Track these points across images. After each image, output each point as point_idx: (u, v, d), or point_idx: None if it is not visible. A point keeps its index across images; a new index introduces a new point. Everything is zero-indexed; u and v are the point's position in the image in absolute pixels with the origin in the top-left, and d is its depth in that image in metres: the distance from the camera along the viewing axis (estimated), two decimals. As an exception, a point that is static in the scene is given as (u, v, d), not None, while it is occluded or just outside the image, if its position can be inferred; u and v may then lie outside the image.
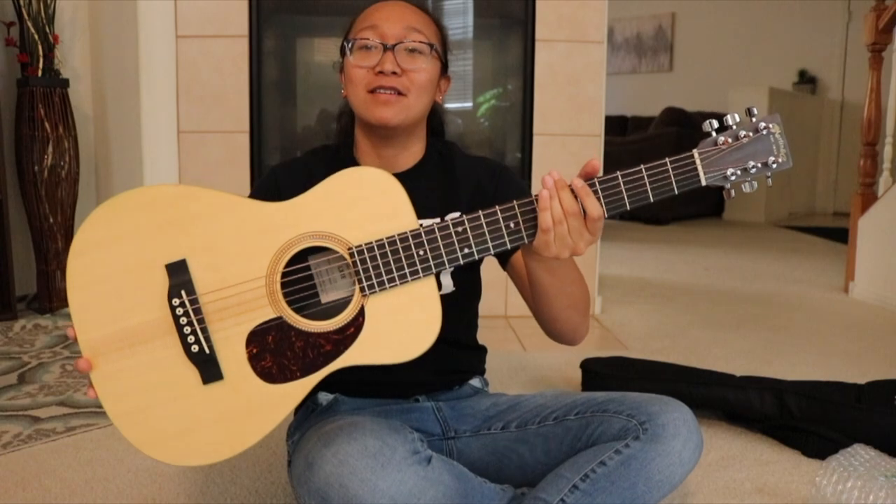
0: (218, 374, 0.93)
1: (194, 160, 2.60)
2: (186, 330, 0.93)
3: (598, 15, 2.63)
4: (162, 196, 0.94)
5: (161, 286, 0.93)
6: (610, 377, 1.81)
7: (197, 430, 0.93)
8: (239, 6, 2.55)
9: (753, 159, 0.98)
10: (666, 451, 1.01)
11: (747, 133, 0.98)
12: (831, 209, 7.21)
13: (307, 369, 0.94)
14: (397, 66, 1.11)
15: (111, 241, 0.93)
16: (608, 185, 0.96)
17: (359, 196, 0.94)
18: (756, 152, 0.98)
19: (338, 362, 0.93)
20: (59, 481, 1.41)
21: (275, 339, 0.94)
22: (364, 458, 0.91)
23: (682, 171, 0.97)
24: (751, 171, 0.98)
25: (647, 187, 0.96)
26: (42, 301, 2.70)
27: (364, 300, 0.94)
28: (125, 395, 0.93)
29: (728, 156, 0.97)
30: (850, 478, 1.28)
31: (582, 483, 1.02)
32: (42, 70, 2.61)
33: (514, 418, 1.18)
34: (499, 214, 0.95)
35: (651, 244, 4.91)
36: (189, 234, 0.93)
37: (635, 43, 8.14)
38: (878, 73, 3.27)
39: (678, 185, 0.97)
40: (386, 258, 0.93)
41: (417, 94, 1.13)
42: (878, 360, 2.27)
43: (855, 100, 6.82)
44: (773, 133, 0.99)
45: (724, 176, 0.98)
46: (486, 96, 2.82)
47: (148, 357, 0.93)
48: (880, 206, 3.18)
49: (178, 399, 0.93)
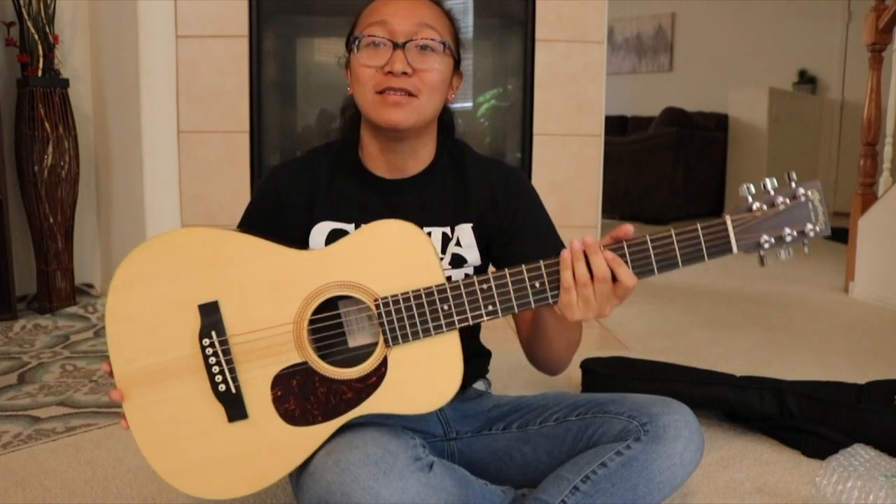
0: (243, 413, 0.97)
1: (194, 160, 2.60)
2: (215, 369, 0.96)
3: (598, 15, 2.63)
4: (199, 238, 0.98)
5: (193, 325, 0.96)
6: (610, 377, 1.81)
7: (219, 465, 0.97)
8: (239, 6, 2.54)
9: (790, 227, 0.94)
10: (667, 453, 1.01)
11: (784, 200, 0.94)
12: (831, 209, 7.19)
13: (329, 415, 0.96)
14: (408, 65, 1.05)
15: (148, 279, 0.97)
16: (637, 250, 0.95)
17: (388, 249, 0.95)
18: (793, 220, 0.94)
19: (358, 409, 0.96)
20: (59, 481, 1.41)
21: (299, 384, 0.97)
22: (366, 466, 0.91)
23: (713, 238, 0.94)
24: (786, 238, 0.95)
25: (677, 253, 0.94)
26: (42, 301, 2.70)
27: (388, 351, 0.96)
28: (154, 426, 0.97)
29: (763, 223, 0.94)
30: (850, 478, 1.28)
31: (583, 484, 1.02)
32: (42, 70, 2.61)
33: (516, 419, 1.18)
34: (525, 274, 0.95)
35: (651, 244, 4.90)
36: (222, 276, 0.96)
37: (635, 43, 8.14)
38: (878, 73, 3.27)
39: (708, 252, 0.94)
40: (411, 311, 0.94)
41: (429, 94, 1.08)
42: (878, 360, 2.27)
43: (855, 100, 6.81)
44: (811, 200, 0.95)
45: (756, 243, 0.95)
46: (486, 96, 2.82)
47: (177, 392, 0.97)
48: (880, 206, 3.18)
49: (204, 435, 0.97)
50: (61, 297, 2.70)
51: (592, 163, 2.70)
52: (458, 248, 1.15)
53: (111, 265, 2.95)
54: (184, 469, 0.97)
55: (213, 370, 0.96)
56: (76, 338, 2.40)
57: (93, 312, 2.62)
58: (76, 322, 2.55)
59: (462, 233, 1.15)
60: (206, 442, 0.97)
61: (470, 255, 1.16)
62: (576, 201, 2.70)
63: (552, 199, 2.65)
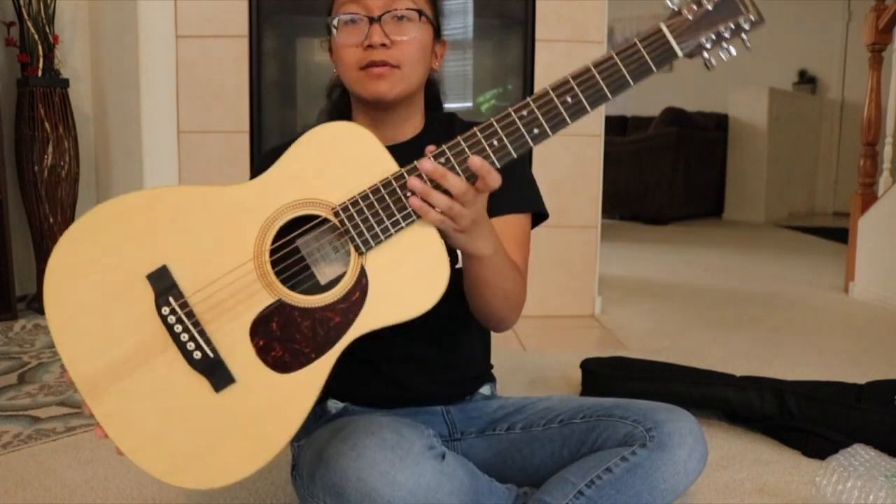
0: (229, 377, 0.88)
1: (194, 160, 2.60)
2: (184, 337, 0.87)
3: (598, 15, 2.63)
4: (124, 207, 0.88)
5: (147, 299, 0.87)
6: (610, 377, 1.81)
7: (221, 445, 0.87)
8: (239, 6, 2.54)
9: (723, 23, 0.91)
10: (672, 460, 1.01)
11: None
12: (831, 209, 7.21)
13: (321, 348, 0.88)
14: (386, 37, 1.05)
15: (82, 265, 0.88)
16: (585, 79, 0.90)
17: (330, 155, 0.88)
18: (725, 15, 0.91)
19: (351, 332, 0.88)
20: (59, 481, 1.41)
21: (279, 325, 0.88)
22: (383, 450, 0.91)
23: (654, 48, 0.90)
24: (724, 34, 0.92)
25: (625, 73, 0.90)
26: (42, 301, 2.69)
27: (363, 260, 0.88)
28: (136, 426, 0.88)
29: (698, 23, 0.91)
30: (850, 478, 1.28)
31: (587, 489, 1.01)
32: (42, 70, 2.61)
33: (520, 420, 1.18)
34: (480, 135, 0.90)
35: (651, 244, 4.91)
36: (163, 238, 0.87)
37: (635, 43, 8.14)
38: (878, 73, 3.27)
39: (654, 61, 0.90)
40: (373, 208, 0.87)
41: (411, 64, 1.08)
42: (878, 360, 2.27)
43: (855, 100, 6.81)
44: None
45: (698, 44, 0.92)
46: (486, 96, 2.82)
47: (151, 379, 0.87)
48: (880, 206, 3.18)
49: (194, 416, 0.87)
50: (61, 297, 2.70)
51: (592, 163, 2.70)
52: None
53: (111, 265, 2.95)
54: (183, 463, 0.87)
55: (182, 339, 0.87)
56: (76, 338, 2.40)
57: (93, 312, 2.62)
58: (76, 322, 2.55)
59: None
60: (198, 424, 0.87)
61: None
62: (576, 201, 2.70)
63: (552, 199, 2.63)
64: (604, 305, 2.89)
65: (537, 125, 0.90)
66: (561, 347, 2.38)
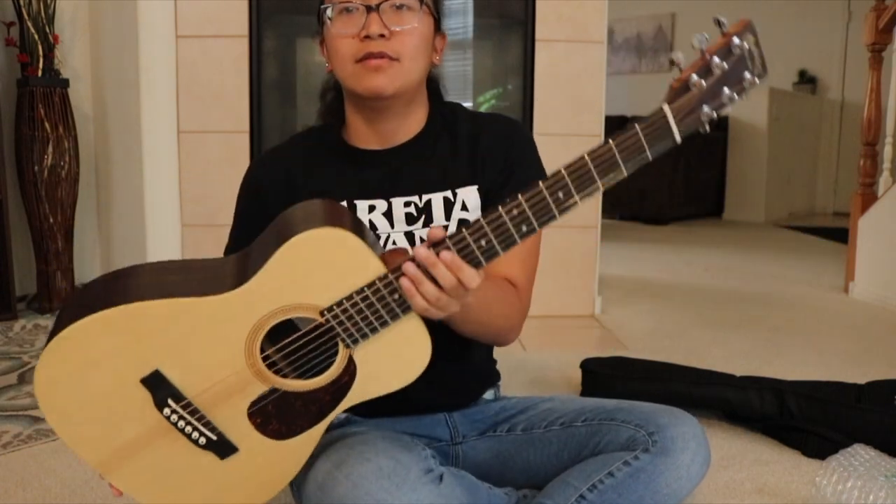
0: (232, 448, 0.95)
1: (194, 160, 2.60)
2: (188, 430, 0.93)
3: (598, 15, 2.63)
4: (108, 320, 0.88)
5: (145, 399, 0.91)
6: (610, 377, 1.81)
7: (229, 491, 0.97)
8: (239, 6, 2.54)
9: (729, 86, 0.82)
10: (675, 465, 1.00)
11: (720, 62, 0.81)
12: (831, 209, 7.20)
13: (314, 420, 0.95)
14: (385, 27, 0.98)
15: (75, 371, 0.89)
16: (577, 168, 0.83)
17: (315, 260, 0.86)
18: (732, 79, 0.82)
19: (341, 406, 0.94)
20: (59, 481, 1.41)
21: (275, 406, 0.94)
22: (378, 479, 0.89)
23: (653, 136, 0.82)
24: (725, 101, 0.82)
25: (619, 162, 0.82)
26: (42, 301, 2.70)
27: (350, 351, 0.92)
28: (151, 485, 0.96)
29: (702, 97, 0.82)
30: (850, 478, 1.28)
31: (590, 493, 1.01)
32: (42, 70, 2.61)
33: (521, 421, 1.17)
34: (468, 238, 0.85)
35: (651, 244, 4.91)
36: (150, 347, 0.89)
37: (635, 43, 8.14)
38: (878, 73, 3.27)
39: (652, 151, 0.82)
40: (360, 310, 0.87)
41: (411, 56, 1.01)
42: (878, 360, 2.27)
43: (855, 100, 6.81)
44: (747, 47, 0.82)
45: (697, 119, 0.83)
46: (486, 96, 2.82)
47: (159, 456, 0.94)
48: (880, 206, 3.18)
49: (203, 477, 0.96)
50: (61, 297, 2.70)
51: (592, 163, 2.69)
52: (464, 213, 1.09)
53: (111, 265, 2.95)
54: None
55: (187, 430, 0.93)
56: (76, 338, 2.40)
57: (93, 312, 2.62)
58: (76, 322, 2.55)
59: (467, 196, 1.10)
60: (207, 481, 0.97)
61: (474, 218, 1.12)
62: (576, 201, 2.69)
63: (552, 199, 2.65)
64: (604, 305, 2.89)
65: (527, 223, 0.85)
66: (561, 347, 2.37)
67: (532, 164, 1.14)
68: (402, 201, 1.08)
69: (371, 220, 1.08)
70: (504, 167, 1.10)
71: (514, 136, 1.13)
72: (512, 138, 1.12)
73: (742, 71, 0.82)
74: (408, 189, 1.08)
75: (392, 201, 1.08)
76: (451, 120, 1.13)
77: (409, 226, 1.09)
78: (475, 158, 1.11)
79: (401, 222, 1.08)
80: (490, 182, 1.10)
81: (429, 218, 1.08)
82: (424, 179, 1.09)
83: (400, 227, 1.08)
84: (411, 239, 1.08)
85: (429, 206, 1.09)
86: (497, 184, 1.10)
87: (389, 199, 1.08)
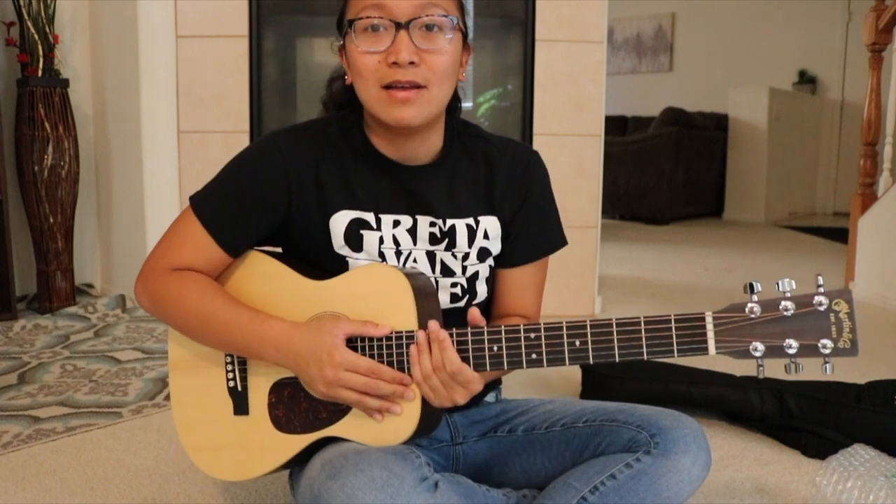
0: (245, 409, 1.06)
1: (194, 160, 2.60)
2: (229, 367, 1.06)
3: (598, 15, 2.63)
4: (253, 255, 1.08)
5: None
6: (610, 377, 1.81)
7: (225, 450, 1.08)
8: (239, 6, 2.54)
9: (794, 337, 0.80)
10: (676, 468, 1.00)
11: (790, 305, 0.80)
12: (831, 209, 7.21)
13: (306, 428, 1.02)
14: (415, 52, 0.93)
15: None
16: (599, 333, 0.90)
17: (375, 289, 0.99)
18: (802, 330, 0.80)
19: (328, 430, 1.01)
20: (59, 481, 1.41)
21: (289, 395, 1.04)
22: (372, 491, 0.88)
23: (686, 335, 0.84)
24: (787, 350, 0.80)
25: (644, 345, 0.87)
26: (42, 301, 2.70)
27: None
28: (184, 406, 1.11)
29: (754, 328, 0.81)
30: (850, 478, 1.28)
31: (591, 495, 1.00)
32: (42, 70, 2.61)
33: (522, 423, 1.17)
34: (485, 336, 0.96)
35: (651, 244, 4.91)
36: (250, 289, 1.06)
37: (635, 43, 8.14)
38: (878, 73, 3.27)
39: (679, 349, 0.86)
40: (381, 350, 0.96)
41: (440, 83, 0.97)
42: (878, 360, 2.27)
43: (855, 100, 6.82)
44: (835, 311, 0.80)
45: (745, 350, 0.82)
46: (486, 96, 2.82)
47: (202, 381, 1.09)
48: (880, 206, 3.18)
49: (215, 421, 1.08)
50: (61, 297, 2.70)
51: (592, 163, 2.70)
52: (485, 242, 1.10)
53: (111, 265, 2.96)
54: (199, 446, 1.10)
55: (228, 367, 1.06)
56: (76, 338, 2.40)
57: (93, 312, 2.62)
58: (76, 322, 2.55)
59: (489, 224, 1.10)
60: (216, 427, 1.08)
61: (494, 247, 1.12)
62: (576, 201, 2.70)
63: (552, 199, 2.65)
64: (604, 305, 2.89)
65: (537, 352, 0.92)
66: (561, 347, 2.37)
67: (544, 194, 1.15)
68: (428, 221, 1.08)
69: (395, 234, 1.07)
70: (518, 201, 1.12)
71: (527, 169, 1.13)
72: (526, 172, 1.13)
73: (818, 334, 0.79)
74: (432, 211, 1.07)
75: (417, 219, 1.08)
76: (472, 143, 1.12)
77: (432, 245, 1.08)
78: (492, 190, 1.10)
79: (423, 241, 1.08)
80: (507, 215, 1.12)
81: (452, 242, 1.09)
82: (449, 204, 1.08)
83: (422, 245, 1.08)
84: (432, 258, 1.08)
85: (453, 232, 1.08)
86: (512, 216, 1.12)
87: (415, 216, 1.07)
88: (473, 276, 1.10)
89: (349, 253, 1.06)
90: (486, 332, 0.94)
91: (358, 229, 1.05)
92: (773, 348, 0.81)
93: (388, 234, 1.06)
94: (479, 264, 1.11)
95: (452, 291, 1.09)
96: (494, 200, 1.11)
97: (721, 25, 7.47)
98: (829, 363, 0.82)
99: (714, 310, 0.84)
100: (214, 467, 1.10)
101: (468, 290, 1.10)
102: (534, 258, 1.15)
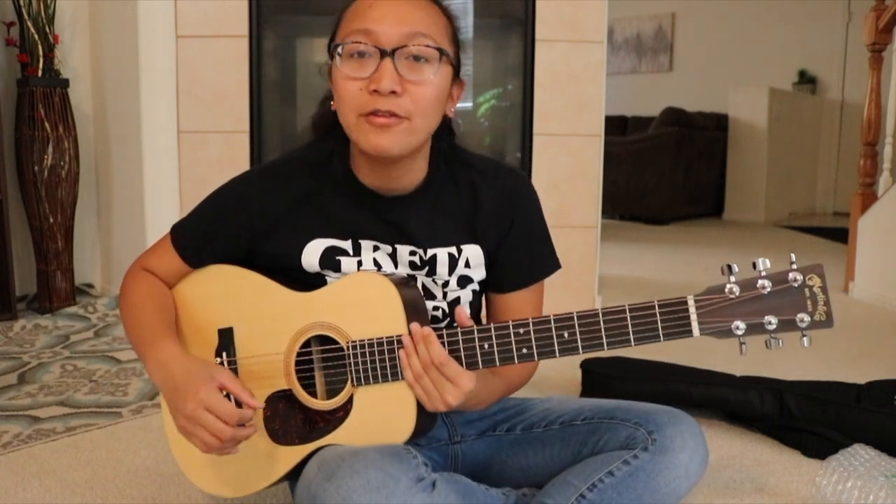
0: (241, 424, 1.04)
1: (194, 160, 2.60)
2: None
3: (598, 15, 2.63)
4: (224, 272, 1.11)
5: (212, 344, 1.10)
6: (610, 377, 1.81)
7: (223, 465, 1.09)
8: (239, 6, 2.54)
9: (773, 313, 0.83)
10: (673, 464, 1.00)
11: (766, 283, 0.84)
12: (831, 209, 7.21)
13: (302, 439, 1.04)
14: (398, 82, 0.91)
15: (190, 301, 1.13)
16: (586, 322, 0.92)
17: (364, 298, 1.01)
18: (779, 306, 0.83)
19: (326, 439, 1.02)
20: (59, 481, 1.41)
21: (284, 408, 1.05)
22: (367, 492, 0.88)
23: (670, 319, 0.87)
24: (766, 326, 0.84)
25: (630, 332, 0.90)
26: (42, 301, 2.70)
27: (354, 390, 1.01)
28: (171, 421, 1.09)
29: (735, 307, 0.84)
30: (850, 478, 1.28)
31: (589, 492, 1.01)
32: (42, 70, 2.61)
33: (520, 421, 1.17)
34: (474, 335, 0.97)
35: (651, 244, 4.91)
36: (238, 306, 1.09)
37: (635, 43, 8.14)
38: (878, 73, 3.27)
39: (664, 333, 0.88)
40: (374, 356, 0.98)
41: (423, 115, 0.95)
42: (878, 360, 2.27)
43: (855, 100, 6.81)
44: (809, 286, 0.84)
45: (727, 329, 0.86)
46: (486, 96, 2.82)
47: None
48: (880, 206, 3.18)
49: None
50: (61, 297, 2.70)
51: (592, 163, 2.70)
52: (466, 270, 1.10)
53: (111, 265, 2.95)
54: (196, 463, 1.10)
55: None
56: (76, 338, 2.40)
57: (93, 312, 2.62)
58: (76, 322, 2.55)
59: (471, 253, 1.09)
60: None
61: (477, 274, 1.11)
62: (576, 201, 2.70)
63: (552, 199, 2.65)
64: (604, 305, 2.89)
65: (527, 346, 0.94)
66: (561, 347, 2.37)
67: (532, 220, 1.14)
68: (408, 249, 1.07)
69: (375, 257, 1.07)
70: (504, 229, 1.11)
71: (514, 198, 1.10)
72: (512, 201, 1.10)
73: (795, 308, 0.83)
74: (413, 240, 1.07)
75: (397, 248, 1.07)
76: (457, 169, 1.10)
77: (413, 270, 1.09)
78: (476, 219, 1.09)
79: (404, 265, 1.08)
80: (492, 243, 1.11)
81: (432, 270, 1.08)
82: (430, 233, 1.08)
83: (403, 269, 1.08)
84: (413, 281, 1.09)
85: (434, 260, 1.08)
86: (497, 243, 1.11)
87: (395, 245, 1.07)
88: (455, 301, 1.11)
89: (329, 273, 1.07)
90: (476, 331, 0.95)
91: (334, 255, 1.06)
92: (754, 325, 0.85)
93: (368, 257, 1.07)
94: (460, 290, 1.11)
95: (433, 314, 1.10)
96: (478, 229, 1.09)
97: (721, 25, 7.47)
98: (806, 336, 0.85)
99: (695, 293, 0.87)
100: (213, 484, 1.10)
101: (449, 314, 1.11)
102: (523, 285, 1.15)
